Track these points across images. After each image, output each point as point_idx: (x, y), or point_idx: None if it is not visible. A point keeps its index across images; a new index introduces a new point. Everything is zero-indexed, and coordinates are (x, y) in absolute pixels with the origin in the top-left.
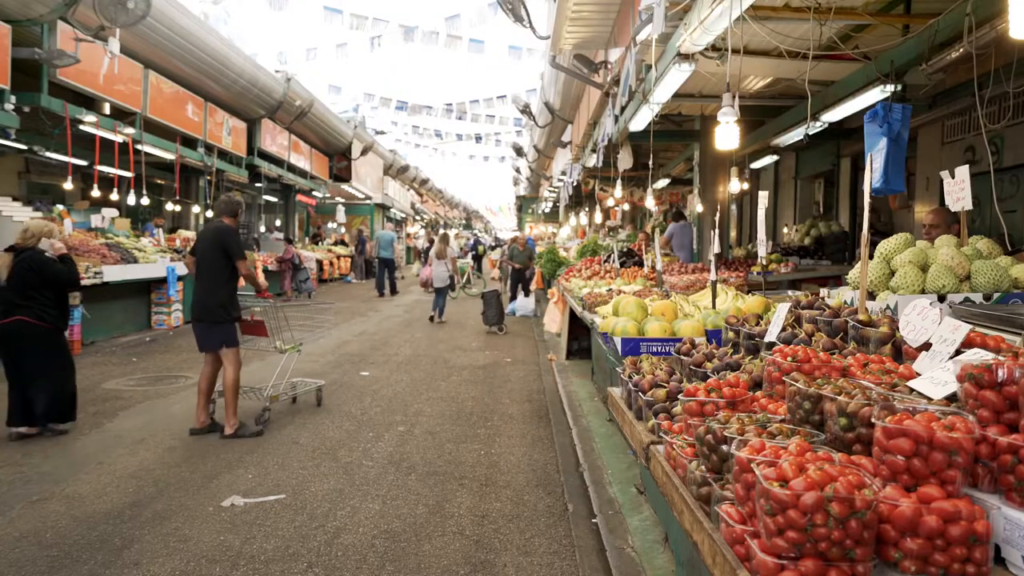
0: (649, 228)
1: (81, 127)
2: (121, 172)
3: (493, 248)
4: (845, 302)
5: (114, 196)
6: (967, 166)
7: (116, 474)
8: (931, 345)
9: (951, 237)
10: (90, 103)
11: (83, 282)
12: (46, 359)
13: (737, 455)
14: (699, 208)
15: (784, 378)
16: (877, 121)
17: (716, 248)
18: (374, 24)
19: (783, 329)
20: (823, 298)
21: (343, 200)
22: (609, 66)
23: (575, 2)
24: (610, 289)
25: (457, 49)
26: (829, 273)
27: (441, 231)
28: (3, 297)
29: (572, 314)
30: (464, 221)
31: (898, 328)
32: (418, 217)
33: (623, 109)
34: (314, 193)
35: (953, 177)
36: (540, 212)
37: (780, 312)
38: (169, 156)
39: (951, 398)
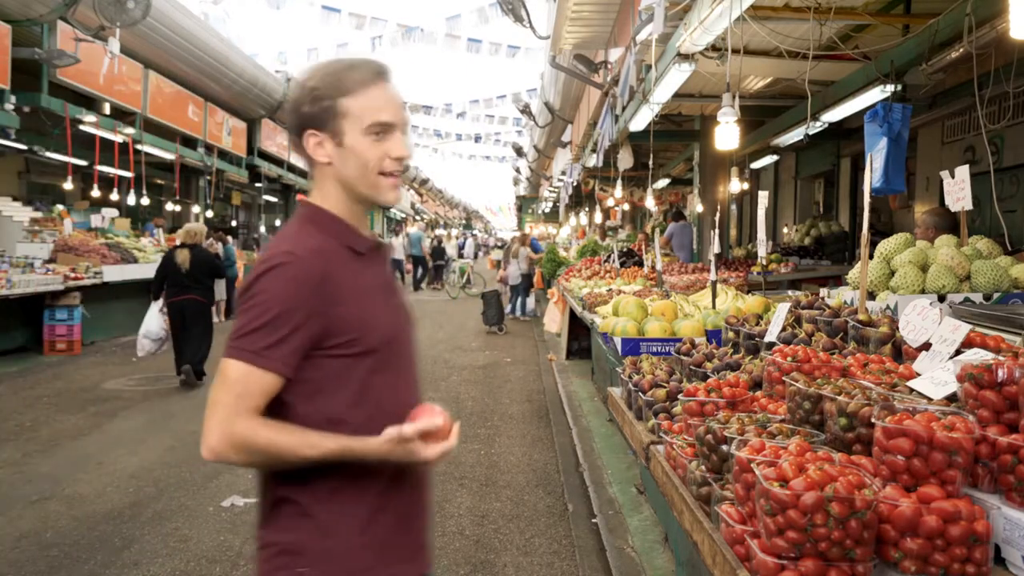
0: (649, 228)
1: (81, 127)
2: (121, 172)
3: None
4: (845, 302)
5: (114, 196)
6: (967, 166)
7: (116, 474)
8: (931, 345)
9: (951, 237)
10: (90, 103)
11: (82, 282)
12: (204, 327)
13: (737, 455)
14: (699, 208)
15: (784, 378)
16: (877, 121)
17: (716, 248)
18: (372, 23)
19: (783, 329)
20: (823, 298)
21: None
22: (609, 66)
23: (575, 2)
24: (610, 289)
25: (456, 49)
26: (829, 273)
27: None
28: (179, 280)
29: (572, 314)
30: (464, 221)
31: (898, 328)
32: (418, 217)
33: (623, 109)
34: None
35: (953, 177)
36: (540, 212)
37: (780, 312)
38: (169, 156)
39: (951, 398)
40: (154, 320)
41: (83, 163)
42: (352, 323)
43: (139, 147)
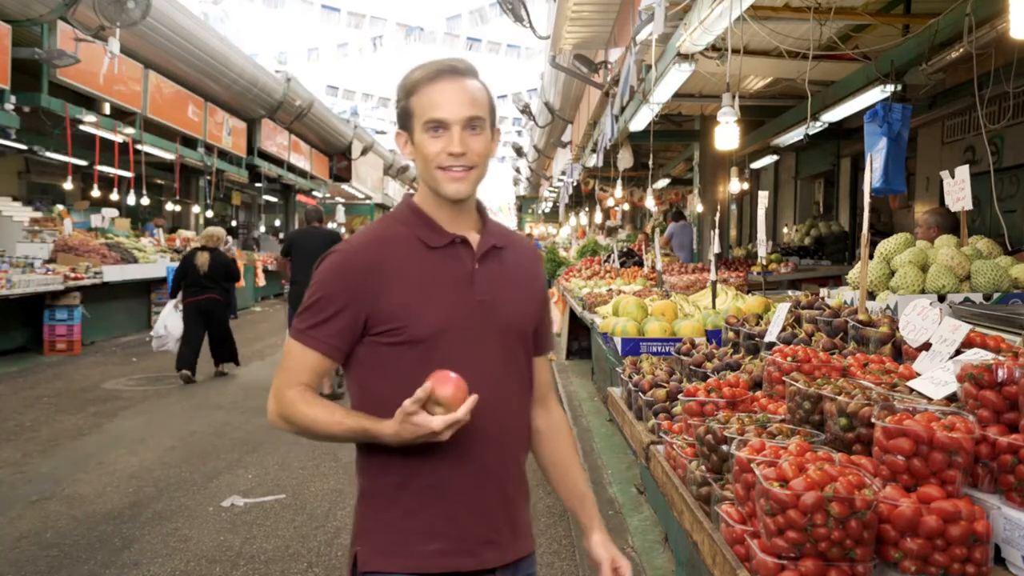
0: (649, 228)
1: (81, 127)
2: (121, 172)
3: None
4: (845, 302)
5: (114, 196)
6: (967, 166)
7: (116, 474)
8: (931, 345)
9: (951, 237)
10: (90, 103)
11: (82, 282)
12: (224, 324)
13: (737, 455)
14: (699, 208)
15: (784, 378)
16: (877, 121)
17: (716, 248)
18: (372, 23)
19: (783, 329)
20: (823, 298)
21: (343, 200)
22: (609, 66)
23: (575, 2)
24: (610, 289)
25: (456, 48)
26: (829, 273)
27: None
28: (199, 281)
29: (572, 314)
30: None
31: (898, 328)
32: None
33: (623, 109)
34: (314, 193)
35: (953, 177)
36: (540, 212)
37: (780, 312)
38: (169, 156)
39: (951, 398)
40: (161, 319)
41: (83, 163)
42: (398, 312)
43: (139, 147)
